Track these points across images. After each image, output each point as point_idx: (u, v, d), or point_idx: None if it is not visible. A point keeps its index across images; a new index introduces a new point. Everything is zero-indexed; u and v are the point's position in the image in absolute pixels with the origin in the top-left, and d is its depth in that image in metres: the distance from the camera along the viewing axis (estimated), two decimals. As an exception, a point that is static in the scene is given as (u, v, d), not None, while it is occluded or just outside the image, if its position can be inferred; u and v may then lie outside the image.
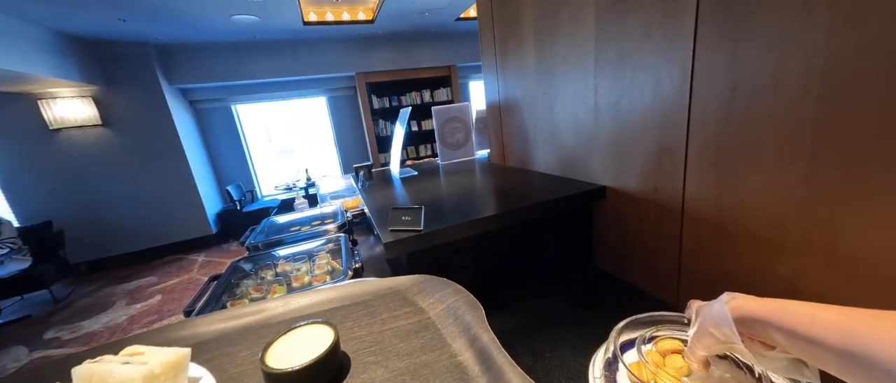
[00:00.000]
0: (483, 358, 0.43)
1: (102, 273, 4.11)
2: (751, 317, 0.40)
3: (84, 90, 3.78)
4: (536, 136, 1.35)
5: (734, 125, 0.66)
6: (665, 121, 0.80)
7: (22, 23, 2.96)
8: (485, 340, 0.44)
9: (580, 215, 1.10)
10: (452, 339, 0.48)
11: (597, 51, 0.95)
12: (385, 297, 0.59)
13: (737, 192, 0.68)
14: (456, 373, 0.43)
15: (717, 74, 0.67)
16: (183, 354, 0.39)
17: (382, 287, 0.62)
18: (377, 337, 0.50)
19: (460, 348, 0.46)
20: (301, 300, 0.59)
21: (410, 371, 0.44)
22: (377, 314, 0.55)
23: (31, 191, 3.82)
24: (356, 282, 0.64)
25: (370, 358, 0.46)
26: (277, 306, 0.58)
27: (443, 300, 0.55)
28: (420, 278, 0.62)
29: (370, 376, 0.43)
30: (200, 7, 3.18)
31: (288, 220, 1.67)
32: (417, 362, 0.45)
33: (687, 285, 0.84)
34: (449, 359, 0.45)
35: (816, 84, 0.54)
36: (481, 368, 0.42)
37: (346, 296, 0.60)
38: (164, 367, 0.36)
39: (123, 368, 0.35)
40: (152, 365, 0.36)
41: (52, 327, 2.99)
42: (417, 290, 0.59)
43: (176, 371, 0.38)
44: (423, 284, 0.60)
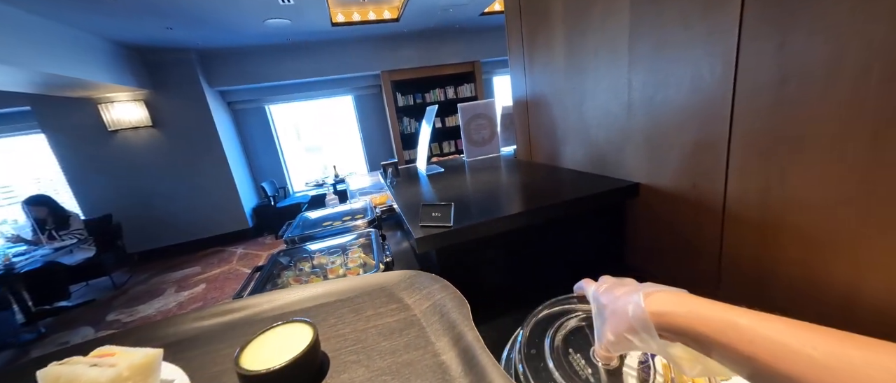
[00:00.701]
0: (466, 358, 0.42)
1: (154, 262, 4.49)
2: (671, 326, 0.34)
3: (136, 94, 4.12)
4: (566, 132, 1.33)
5: (783, 119, 0.62)
6: (705, 115, 0.76)
7: (86, 34, 3.26)
8: (469, 339, 0.43)
9: (611, 213, 1.08)
10: (437, 338, 0.46)
11: (631, 44, 0.92)
12: (371, 294, 0.58)
13: (786, 190, 0.65)
14: (438, 373, 0.41)
15: (763, 66, 0.64)
16: (154, 355, 0.38)
17: (369, 283, 0.60)
18: (360, 335, 0.48)
19: (444, 347, 0.45)
20: (286, 296, 0.58)
21: (392, 370, 0.42)
22: (362, 311, 0.54)
23: (93, 187, 4.23)
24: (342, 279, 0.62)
25: (352, 357, 0.45)
26: (262, 303, 0.57)
27: (429, 296, 0.54)
28: (409, 273, 0.60)
29: (350, 376, 0.42)
30: (237, 13, 3.37)
31: (320, 216, 1.75)
32: (400, 361, 0.44)
33: (728, 286, 0.81)
34: (432, 358, 0.44)
35: (876, 74, 0.50)
36: (464, 368, 0.41)
37: (332, 293, 0.59)
38: (133, 370, 0.35)
39: (90, 371, 0.34)
40: (120, 367, 0.34)
41: (114, 310, 3.31)
42: (404, 286, 0.58)
43: (145, 373, 0.36)
44: (411, 280, 0.59)
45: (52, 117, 3.94)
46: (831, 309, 0.62)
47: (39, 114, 3.91)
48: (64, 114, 3.95)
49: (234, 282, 3.56)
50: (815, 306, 0.65)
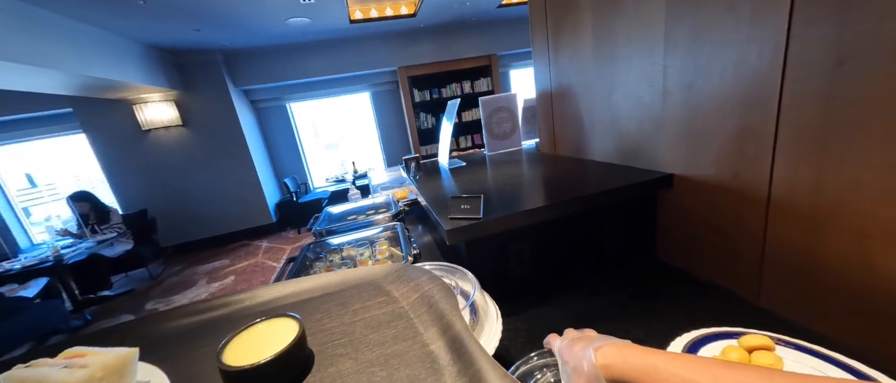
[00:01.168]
0: (455, 346, 0.41)
1: (186, 255, 4.71)
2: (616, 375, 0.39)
3: (167, 94, 4.31)
4: (592, 124, 1.30)
5: (839, 102, 0.59)
6: (750, 101, 0.73)
7: (120, 38, 3.43)
8: (457, 328, 0.43)
9: (642, 204, 1.05)
10: (425, 328, 0.46)
11: (668, 29, 0.88)
12: (358, 287, 0.57)
13: (840, 178, 0.61)
14: (427, 362, 0.41)
15: (819, 47, 0.60)
16: (128, 354, 0.36)
17: (357, 277, 0.60)
18: (347, 329, 0.48)
19: (432, 337, 0.44)
20: (271, 292, 0.57)
21: (380, 361, 0.42)
22: (349, 305, 0.53)
23: (129, 184, 4.47)
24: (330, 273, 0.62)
25: (339, 350, 0.45)
26: (244, 299, 0.56)
27: (417, 288, 0.53)
28: (396, 267, 0.60)
29: (338, 369, 0.42)
30: (260, 13, 3.45)
31: (345, 210, 1.79)
32: (388, 353, 0.43)
33: (771, 280, 0.78)
34: (421, 349, 0.43)
35: (956, 51, 0.46)
36: (453, 357, 0.41)
37: (318, 287, 0.58)
38: (106, 370, 0.33)
39: (58, 373, 0.32)
40: (92, 368, 0.32)
41: (151, 300, 3.50)
42: (392, 279, 0.57)
43: (120, 373, 0.34)
44: (398, 273, 0.58)
45: (92, 118, 4.18)
46: (891, 300, 0.59)
47: (80, 115, 4.15)
48: (102, 115, 4.18)
49: (262, 274, 3.69)
50: (873, 297, 0.61)
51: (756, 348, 0.54)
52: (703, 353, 0.57)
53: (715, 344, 0.58)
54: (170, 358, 0.45)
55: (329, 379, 0.40)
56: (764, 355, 0.53)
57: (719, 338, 0.59)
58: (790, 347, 0.55)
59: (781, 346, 0.55)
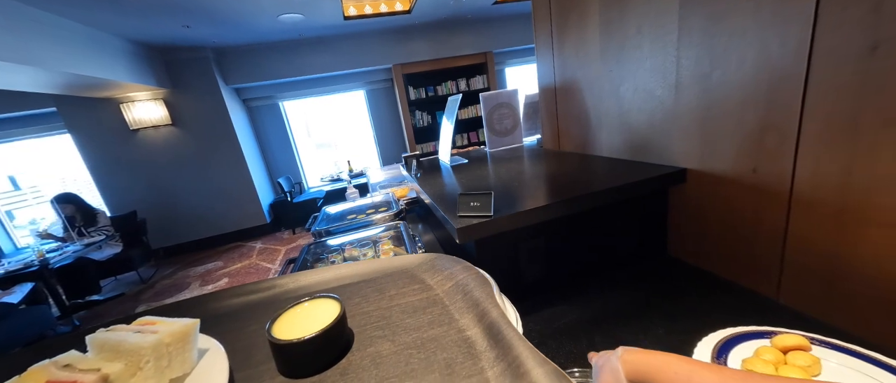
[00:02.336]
0: (492, 333, 0.41)
1: (178, 257, 4.60)
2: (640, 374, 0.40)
3: (156, 93, 4.19)
4: (599, 118, 1.27)
5: (872, 91, 0.56)
6: (772, 92, 0.70)
7: (107, 34, 3.32)
8: (494, 315, 0.43)
9: (654, 200, 1.03)
10: (460, 315, 0.47)
11: (681, 18, 0.86)
12: (393, 275, 0.59)
13: (872, 172, 0.59)
14: (463, 347, 0.42)
15: (849, 33, 0.58)
16: (191, 324, 0.40)
17: (391, 266, 0.61)
18: (384, 313, 0.50)
19: (468, 323, 0.45)
20: (311, 277, 0.60)
21: (417, 344, 0.43)
22: (385, 291, 0.55)
23: (118, 185, 4.35)
24: (365, 261, 0.64)
25: (377, 332, 0.46)
26: (288, 283, 0.59)
27: (451, 277, 0.54)
28: (430, 256, 0.61)
29: (376, 349, 0.43)
30: (252, 8, 3.37)
31: (343, 209, 1.74)
32: (424, 337, 0.44)
33: (792, 278, 0.75)
34: (457, 334, 0.44)
35: None
36: (490, 343, 0.41)
37: (355, 274, 0.60)
38: (173, 337, 0.37)
39: (133, 337, 0.36)
40: (162, 334, 0.37)
41: (142, 304, 3.41)
42: (426, 268, 0.59)
43: (184, 341, 0.38)
44: (432, 262, 0.59)
45: (77, 117, 4.05)
46: (925, 300, 0.57)
47: (65, 114, 4.01)
48: (88, 115, 4.05)
49: (256, 275, 3.62)
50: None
51: (791, 348, 0.52)
52: (735, 353, 0.54)
53: (746, 344, 0.55)
54: (224, 332, 0.48)
55: (368, 358, 0.42)
56: (800, 356, 0.50)
57: (750, 338, 0.56)
58: (828, 347, 0.52)
59: (817, 346, 0.53)
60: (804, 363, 0.49)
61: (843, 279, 0.66)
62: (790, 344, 0.52)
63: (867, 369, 0.48)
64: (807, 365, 0.49)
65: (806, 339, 0.53)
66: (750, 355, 0.53)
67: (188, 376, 0.38)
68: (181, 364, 0.38)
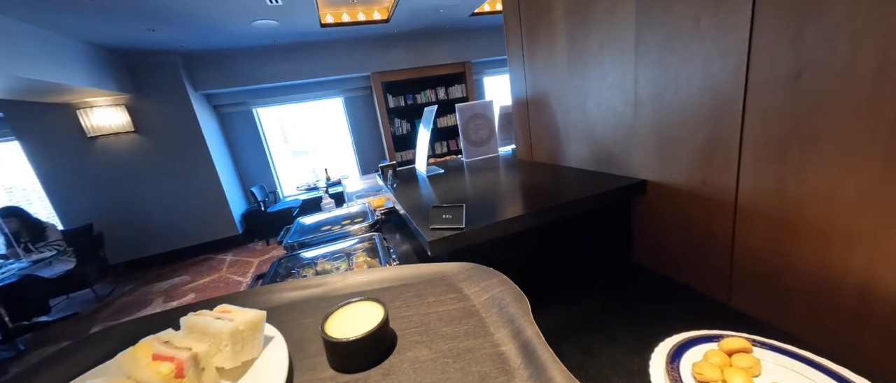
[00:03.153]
0: (526, 351, 0.42)
1: (139, 272, 4.32)
2: None
3: (117, 98, 3.96)
4: (567, 131, 1.32)
5: (798, 114, 0.63)
6: (716, 111, 0.77)
7: (62, 37, 3.12)
8: (529, 334, 0.44)
9: (619, 210, 1.08)
10: (495, 329, 0.48)
11: (638, 40, 0.92)
12: (432, 281, 0.61)
13: (801, 186, 0.65)
14: (498, 362, 0.43)
15: (778, 60, 0.64)
16: (260, 316, 0.45)
17: (430, 272, 0.64)
18: (423, 319, 0.51)
19: (503, 338, 0.46)
20: (357, 278, 0.63)
21: (453, 354, 0.45)
22: (424, 297, 0.57)
23: (73, 196, 4.05)
24: (406, 266, 0.66)
25: (416, 337, 0.48)
26: (336, 281, 0.63)
27: (488, 289, 0.56)
28: (467, 266, 0.64)
29: (415, 354, 0.45)
30: (223, 14, 3.27)
31: (318, 220, 1.71)
32: (460, 347, 0.46)
33: (740, 281, 0.81)
34: (491, 348, 0.45)
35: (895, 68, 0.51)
36: (524, 361, 0.42)
37: (396, 278, 0.63)
38: (246, 325, 0.43)
39: (216, 322, 0.42)
40: (237, 322, 0.42)
41: (98, 324, 3.16)
42: (463, 277, 0.60)
43: (254, 329, 0.44)
44: (469, 272, 0.61)
45: (27, 123, 3.75)
46: (847, 300, 0.63)
47: (13, 120, 3.71)
48: (40, 121, 3.77)
49: (226, 289, 3.45)
50: (830, 298, 0.65)
51: (736, 351, 0.56)
52: (686, 358, 0.58)
53: (697, 349, 0.59)
54: (284, 322, 0.52)
55: (408, 362, 0.44)
56: (744, 357, 0.54)
57: (701, 342, 0.60)
58: (767, 348, 0.57)
59: (758, 347, 0.57)
60: (746, 364, 0.53)
61: (782, 284, 0.72)
62: (735, 347, 0.56)
63: (798, 367, 0.53)
64: (749, 366, 0.53)
65: (748, 342, 0.57)
66: (700, 359, 0.57)
67: (256, 360, 0.43)
68: (251, 349, 0.43)
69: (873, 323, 0.61)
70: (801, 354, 0.54)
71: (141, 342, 0.41)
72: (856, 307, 0.62)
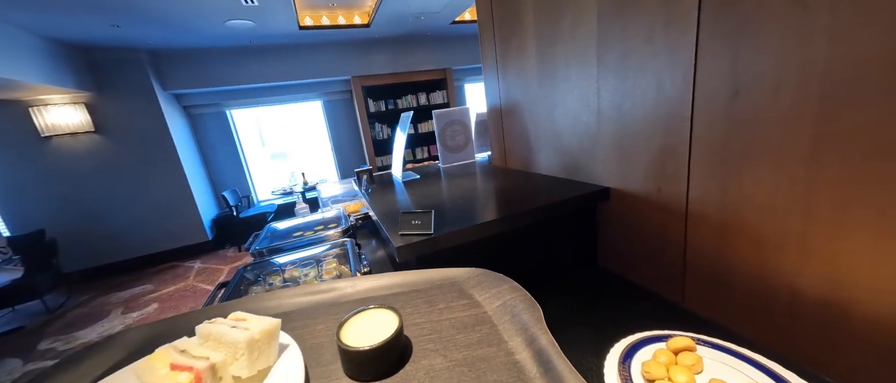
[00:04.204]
0: (542, 360, 0.42)
1: (96, 281, 4.04)
2: None
3: (76, 96, 3.73)
4: (538, 139, 1.36)
5: (736, 128, 0.68)
6: (668, 123, 0.82)
7: (12, 29, 2.91)
8: (543, 342, 0.44)
9: (585, 216, 1.12)
10: (509, 337, 0.47)
11: (599, 54, 0.97)
12: (442, 287, 0.60)
13: (739, 193, 0.70)
14: (513, 372, 0.42)
15: (718, 78, 0.70)
16: (276, 324, 0.45)
17: (440, 277, 0.63)
18: (435, 326, 0.51)
19: (517, 346, 0.46)
20: (366, 283, 0.63)
21: (468, 363, 0.44)
22: (435, 303, 0.56)
23: (22, 200, 3.75)
24: (415, 271, 0.65)
25: (430, 345, 0.47)
26: (346, 286, 0.63)
27: (499, 296, 0.55)
28: (476, 271, 0.63)
29: (430, 363, 0.45)
30: (194, 13, 3.17)
31: (291, 226, 1.67)
32: (475, 355, 0.45)
33: (692, 284, 0.86)
34: (506, 357, 0.45)
35: (816, 87, 0.56)
36: (540, 369, 0.41)
37: (406, 283, 0.62)
38: (262, 334, 0.42)
39: (232, 331, 0.42)
40: (253, 331, 0.42)
41: (47, 338, 2.93)
42: (474, 283, 0.60)
43: (270, 338, 0.44)
44: (479, 278, 0.61)
45: (-30, 121, 3.47)
46: (780, 299, 0.68)
47: (-47, 117, 3.42)
48: (-15, 118, 3.49)
49: (192, 299, 3.28)
50: (766, 298, 0.71)
51: (681, 349, 0.59)
52: (638, 357, 0.61)
53: (647, 348, 0.62)
54: (294, 330, 0.51)
55: (423, 371, 0.44)
56: (687, 356, 0.58)
57: (651, 342, 0.63)
58: (708, 346, 0.61)
59: (701, 346, 0.61)
60: (690, 362, 0.57)
61: (726, 285, 0.78)
62: (680, 345, 0.60)
63: (736, 363, 0.57)
64: (691, 364, 0.57)
65: (692, 341, 0.61)
66: (649, 358, 0.60)
67: (272, 368, 0.43)
68: (267, 357, 0.43)
69: (803, 320, 0.66)
70: (739, 351, 0.59)
71: (158, 351, 0.41)
72: (788, 305, 0.68)
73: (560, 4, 1.07)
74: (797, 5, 0.56)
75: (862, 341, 0.59)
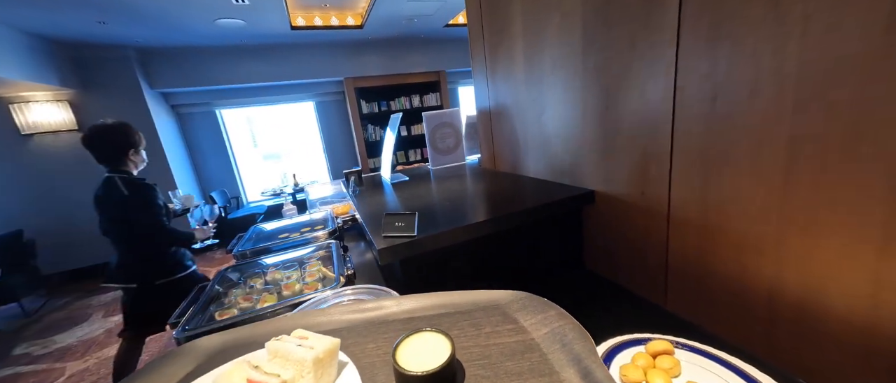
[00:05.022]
0: None
1: (77, 284, 3.93)
2: None
3: (59, 94, 3.64)
4: (527, 142, 1.37)
5: (715, 132, 0.69)
6: (650, 128, 0.82)
7: (-7, 24, 2.84)
8: (599, 376, 0.42)
9: (571, 219, 1.12)
10: (561, 367, 0.45)
11: (584, 60, 0.97)
12: (486, 310, 0.59)
13: (719, 197, 0.71)
14: None
15: (698, 84, 0.70)
16: (336, 343, 0.47)
17: (483, 299, 0.62)
18: (483, 351, 0.50)
19: (571, 378, 0.43)
20: (411, 303, 0.63)
21: None
22: (481, 327, 0.55)
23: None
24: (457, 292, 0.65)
25: (480, 370, 0.46)
26: (392, 306, 0.63)
27: (546, 322, 0.53)
28: (519, 295, 0.62)
29: None
30: (184, 11, 3.12)
31: (277, 227, 1.64)
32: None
33: (674, 286, 0.87)
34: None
35: (790, 93, 0.57)
36: None
37: (451, 304, 0.62)
38: (325, 353, 0.44)
39: (299, 349, 0.44)
40: (318, 350, 0.44)
41: (23, 342, 2.83)
42: (517, 307, 0.59)
43: (333, 356, 0.45)
44: (523, 302, 0.60)
45: (-54, 117, 3.36)
46: (759, 302, 0.69)
47: (-72, 113, 3.31)
48: (-38, 115, 3.38)
49: (177, 302, 3.21)
50: (745, 305, 0.72)
51: (660, 353, 0.59)
52: (617, 360, 0.61)
53: (627, 351, 0.62)
54: (347, 347, 0.52)
55: None
56: (665, 359, 0.58)
57: (631, 345, 0.63)
58: (686, 349, 0.61)
59: (679, 349, 0.61)
60: (667, 365, 0.57)
61: (708, 288, 0.78)
62: (659, 349, 0.60)
63: (713, 367, 0.57)
64: (669, 367, 0.57)
65: (671, 344, 0.61)
66: (628, 361, 0.60)
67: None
68: (329, 375, 0.45)
69: (781, 323, 0.67)
70: (716, 354, 0.59)
71: (234, 365, 0.44)
72: (767, 308, 0.68)
73: (547, 12, 1.08)
74: (770, 14, 0.57)
75: (837, 342, 0.60)
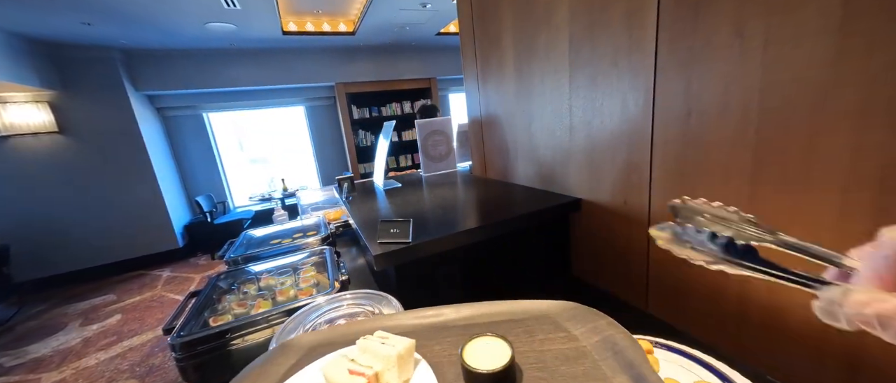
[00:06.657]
0: None
1: (53, 291, 3.78)
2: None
3: (39, 95, 3.54)
4: (516, 150, 1.42)
5: (690, 146, 0.74)
6: (632, 140, 0.88)
7: (-29, 22, 2.75)
8: (652, 381, 0.43)
9: (558, 226, 1.17)
10: (614, 373, 0.46)
11: (571, 74, 1.03)
12: (538, 319, 0.61)
13: (694, 205, 0.76)
14: None
15: (675, 100, 0.76)
16: (412, 343, 0.51)
17: (534, 309, 0.65)
18: (538, 356, 0.52)
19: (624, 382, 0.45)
20: (467, 310, 0.66)
21: None
22: (534, 334, 0.58)
23: (-30, 203, 3.49)
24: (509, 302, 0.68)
25: (537, 373, 0.49)
26: (450, 313, 0.67)
27: (596, 331, 0.55)
28: (568, 305, 0.64)
29: None
30: (172, 14, 3.09)
31: (268, 233, 1.64)
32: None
33: (655, 292, 0.92)
34: None
35: (755, 112, 0.63)
36: None
37: (504, 312, 0.64)
38: (405, 351, 0.49)
39: (384, 346, 0.49)
40: (399, 348, 0.48)
41: (-7, 353, 2.70)
42: (567, 317, 0.61)
43: (410, 354, 0.50)
44: (572, 312, 0.62)
45: (-85, 117, 3.22)
46: (730, 305, 0.74)
47: None
48: (-67, 115, 3.25)
49: (159, 310, 3.12)
50: (718, 308, 0.77)
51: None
52: (601, 361, 0.64)
53: (610, 352, 0.66)
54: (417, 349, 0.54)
55: None
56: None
57: (613, 346, 0.67)
58: (664, 349, 0.65)
59: (658, 348, 0.65)
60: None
61: (684, 292, 0.83)
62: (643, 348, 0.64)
63: (689, 365, 0.61)
64: (649, 364, 0.60)
65: (651, 344, 0.65)
66: (611, 360, 0.63)
67: (411, 380, 0.49)
68: (408, 370, 0.50)
69: (749, 324, 0.72)
70: (692, 353, 0.63)
71: (335, 357, 0.51)
72: (737, 311, 0.73)
73: (536, 27, 1.13)
74: (736, 38, 0.63)
75: (798, 340, 0.65)
